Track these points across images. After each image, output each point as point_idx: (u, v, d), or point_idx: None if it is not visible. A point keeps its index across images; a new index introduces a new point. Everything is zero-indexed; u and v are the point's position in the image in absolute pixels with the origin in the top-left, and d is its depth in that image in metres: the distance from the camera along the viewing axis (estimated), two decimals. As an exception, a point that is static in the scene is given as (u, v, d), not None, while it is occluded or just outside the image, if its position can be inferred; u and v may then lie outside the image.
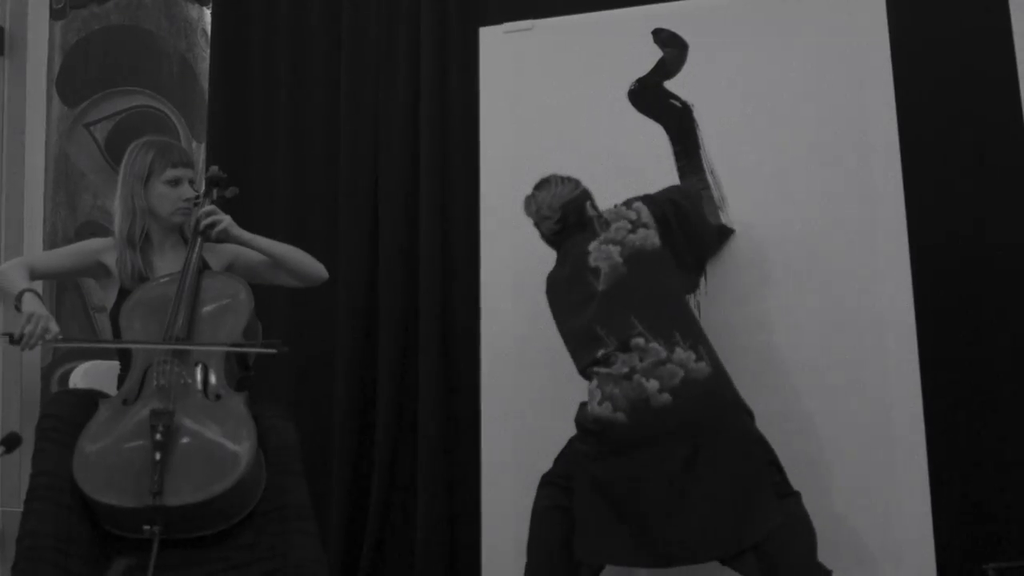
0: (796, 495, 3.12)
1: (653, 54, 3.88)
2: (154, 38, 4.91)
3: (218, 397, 2.93)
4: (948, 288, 3.94)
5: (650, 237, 3.33)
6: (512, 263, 3.94)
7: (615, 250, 3.31)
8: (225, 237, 3.24)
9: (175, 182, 3.26)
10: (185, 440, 2.79)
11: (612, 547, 3.14)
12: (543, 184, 3.54)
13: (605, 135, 3.88)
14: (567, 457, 3.32)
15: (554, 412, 3.52)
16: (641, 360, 3.12)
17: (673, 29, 3.89)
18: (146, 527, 2.64)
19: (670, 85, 3.84)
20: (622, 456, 3.12)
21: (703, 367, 3.11)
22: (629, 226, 3.35)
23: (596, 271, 3.31)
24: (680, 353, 3.11)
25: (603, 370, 3.17)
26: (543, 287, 3.51)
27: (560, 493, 3.27)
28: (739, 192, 3.76)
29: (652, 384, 3.08)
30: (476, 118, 4.13)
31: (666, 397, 3.07)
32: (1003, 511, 3.87)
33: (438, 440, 4.30)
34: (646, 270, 3.28)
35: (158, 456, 2.70)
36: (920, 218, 3.71)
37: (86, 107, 4.86)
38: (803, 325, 3.66)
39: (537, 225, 3.54)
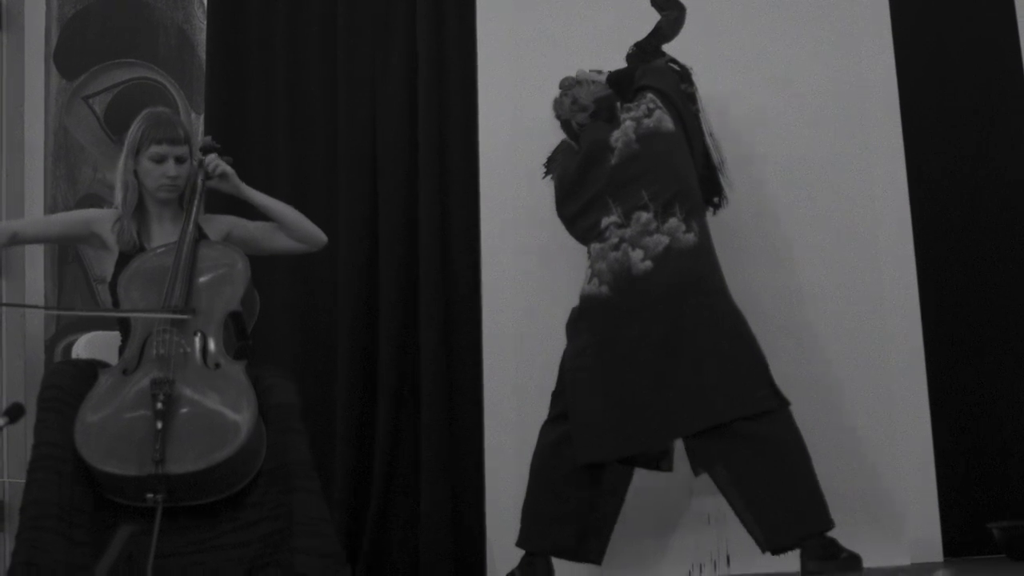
0: (785, 404, 3.14)
1: (652, 17, 3.86)
2: (151, 10, 4.91)
3: (217, 366, 2.94)
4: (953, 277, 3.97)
5: (665, 120, 3.43)
6: (514, 233, 3.94)
7: (631, 127, 3.42)
8: (225, 182, 3.29)
9: (159, 159, 3.25)
10: (186, 409, 2.81)
11: (606, 440, 3.20)
12: (575, 83, 3.66)
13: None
14: (559, 385, 3.37)
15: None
16: (633, 231, 3.18)
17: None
18: (149, 495, 2.66)
19: (669, 48, 3.82)
20: (606, 344, 3.20)
21: (690, 238, 3.21)
22: (646, 111, 3.45)
23: (613, 149, 3.43)
24: (672, 222, 3.21)
25: (597, 245, 3.28)
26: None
27: (556, 425, 3.31)
28: (737, 157, 3.77)
29: (636, 253, 3.19)
30: (475, 85, 4.12)
31: (647, 265, 3.19)
32: (1006, 471, 3.88)
33: (441, 414, 4.27)
34: (658, 147, 3.40)
35: (159, 425, 2.72)
36: (920, 183, 3.74)
37: (84, 80, 4.86)
38: (804, 301, 3.69)
39: (568, 120, 3.66)
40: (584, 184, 3.45)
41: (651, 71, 3.63)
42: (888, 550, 3.50)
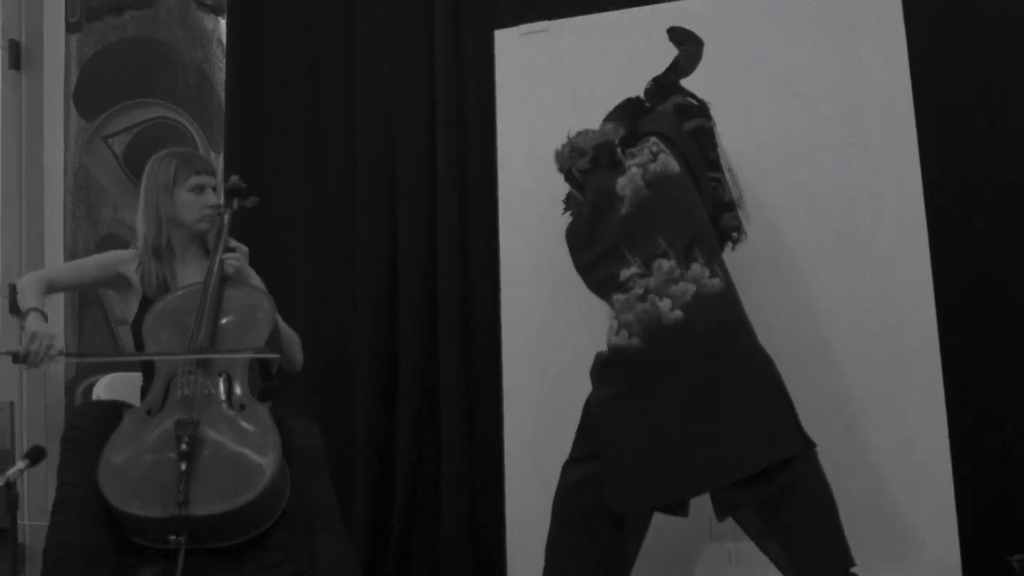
0: (811, 447, 3.12)
1: (668, 52, 3.86)
2: (170, 49, 4.93)
3: (242, 407, 2.93)
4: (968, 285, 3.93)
5: (670, 163, 3.38)
6: (531, 258, 3.94)
7: (638, 173, 3.36)
8: (235, 274, 3.26)
9: (199, 189, 3.31)
10: (210, 450, 2.80)
11: (642, 489, 3.16)
12: (576, 134, 3.60)
13: (622, 135, 3.88)
14: (584, 426, 3.33)
15: (577, 401, 3.51)
16: (657, 280, 3.17)
17: (688, 27, 3.88)
18: (172, 537, 2.64)
19: (686, 83, 3.83)
20: (640, 391, 3.16)
21: (716, 283, 3.17)
22: (651, 155, 3.40)
23: (621, 198, 3.36)
24: (696, 269, 3.17)
25: (621, 296, 3.22)
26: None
27: (581, 465, 3.28)
28: (755, 187, 3.76)
29: (664, 303, 3.14)
30: (493, 121, 4.13)
31: (677, 314, 3.13)
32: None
33: (461, 432, 4.31)
34: (668, 192, 3.34)
35: (183, 466, 2.71)
36: (937, 202, 3.72)
37: (104, 120, 4.88)
38: (824, 319, 3.67)
39: (568, 169, 3.59)
40: (594, 235, 3.42)
41: (654, 118, 3.63)
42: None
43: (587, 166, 3.54)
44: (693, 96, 3.74)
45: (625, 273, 3.24)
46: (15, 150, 5.20)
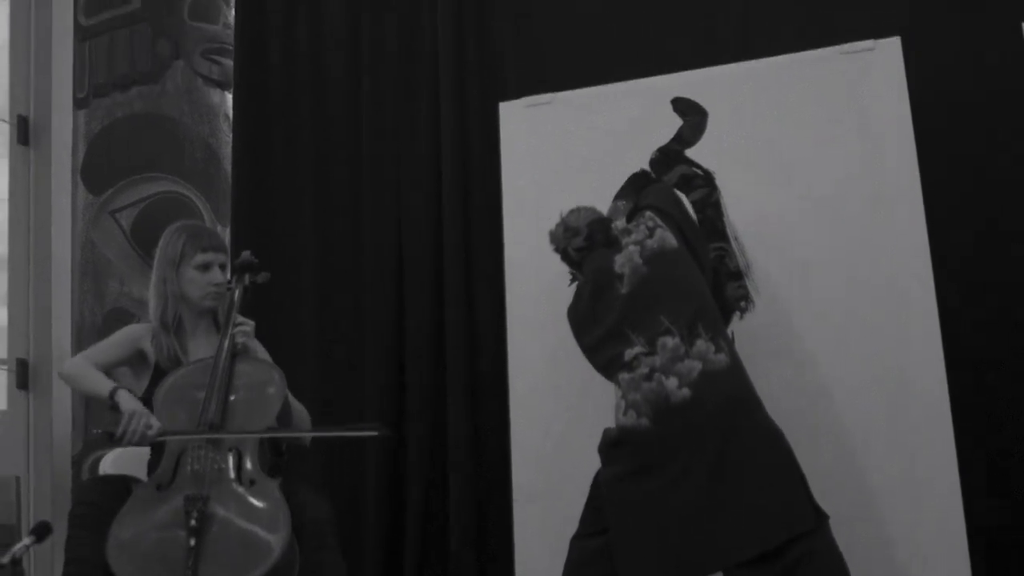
0: (824, 520, 3.09)
1: (673, 123, 3.90)
2: (176, 124, 4.95)
3: (252, 483, 2.92)
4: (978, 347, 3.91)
5: (667, 238, 3.37)
6: (539, 337, 3.94)
7: (635, 251, 3.35)
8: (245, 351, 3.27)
9: (205, 267, 3.32)
10: (219, 527, 2.79)
11: (655, 568, 3.11)
12: (568, 213, 3.60)
13: (628, 206, 3.90)
14: (593, 503, 3.30)
15: (585, 447, 3.48)
16: (662, 359, 3.14)
17: (692, 97, 3.92)
18: (180, 613, 2.63)
19: (691, 153, 3.86)
20: (651, 470, 3.12)
21: (721, 359, 3.14)
22: (647, 231, 3.39)
23: (620, 277, 3.35)
24: (700, 345, 3.14)
25: (627, 375, 3.19)
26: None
27: (590, 541, 3.25)
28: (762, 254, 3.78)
29: (671, 382, 3.11)
30: (498, 193, 4.15)
31: (685, 392, 3.10)
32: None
33: (469, 481, 4.31)
34: (667, 267, 3.33)
35: (192, 542, 2.70)
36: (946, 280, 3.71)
37: (111, 194, 4.88)
38: (830, 388, 3.66)
39: (564, 249, 3.57)
40: (596, 316, 3.39)
41: (651, 191, 3.64)
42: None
43: (583, 244, 3.52)
44: (698, 166, 3.78)
45: (629, 353, 3.21)
46: (23, 224, 5.24)
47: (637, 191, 3.64)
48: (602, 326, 3.35)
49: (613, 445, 3.22)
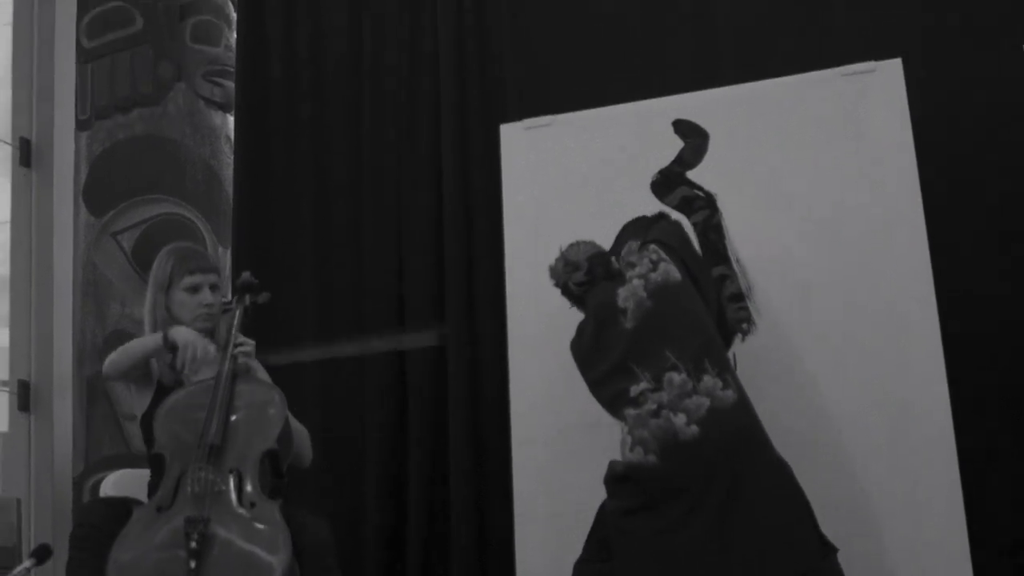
0: (832, 553, 3.07)
1: (673, 145, 3.91)
2: (178, 146, 4.96)
3: (252, 504, 2.92)
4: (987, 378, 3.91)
5: (671, 271, 3.34)
6: (541, 364, 3.94)
7: (639, 284, 3.33)
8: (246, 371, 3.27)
9: (194, 288, 3.32)
10: (220, 548, 2.78)
11: None
12: (568, 247, 3.59)
13: (629, 227, 3.90)
14: (598, 532, 3.28)
15: (586, 463, 3.50)
16: (669, 395, 3.12)
17: (692, 119, 3.92)
18: (181, 636, 2.63)
19: (692, 175, 3.86)
20: (659, 507, 3.10)
21: (729, 395, 3.12)
22: (651, 264, 3.37)
23: (624, 311, 3.32)
24: (708, 381, 3.12)
25: (633, 411, 3.16)
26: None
27: (595, 567, 3.24)
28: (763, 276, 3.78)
29: (679, 419, 3.08)
30: (499, 215, 4.16)
31: (694, 430, 3.07)
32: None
33: (470, 505, 4.31)
34: (672, 301, 3.30)
35: (193, 564, 2.70)
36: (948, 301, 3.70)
37: (112, 216, 4.89)
38: (830, 411, 3.65)
39: (565, 283, 3.56)
40: (600, 350, 3.36)
41: (657, 228, 3.62)
42: None
43: (584, 279, 3.51)
44: (700, 188, 3.78)
45: (635, 389, 3.18)
46: (25, 246, 5.24)
47: (645, 229, 3.62)
48: (607, 361, 3.32)
49: (620, 480, 3.19)
